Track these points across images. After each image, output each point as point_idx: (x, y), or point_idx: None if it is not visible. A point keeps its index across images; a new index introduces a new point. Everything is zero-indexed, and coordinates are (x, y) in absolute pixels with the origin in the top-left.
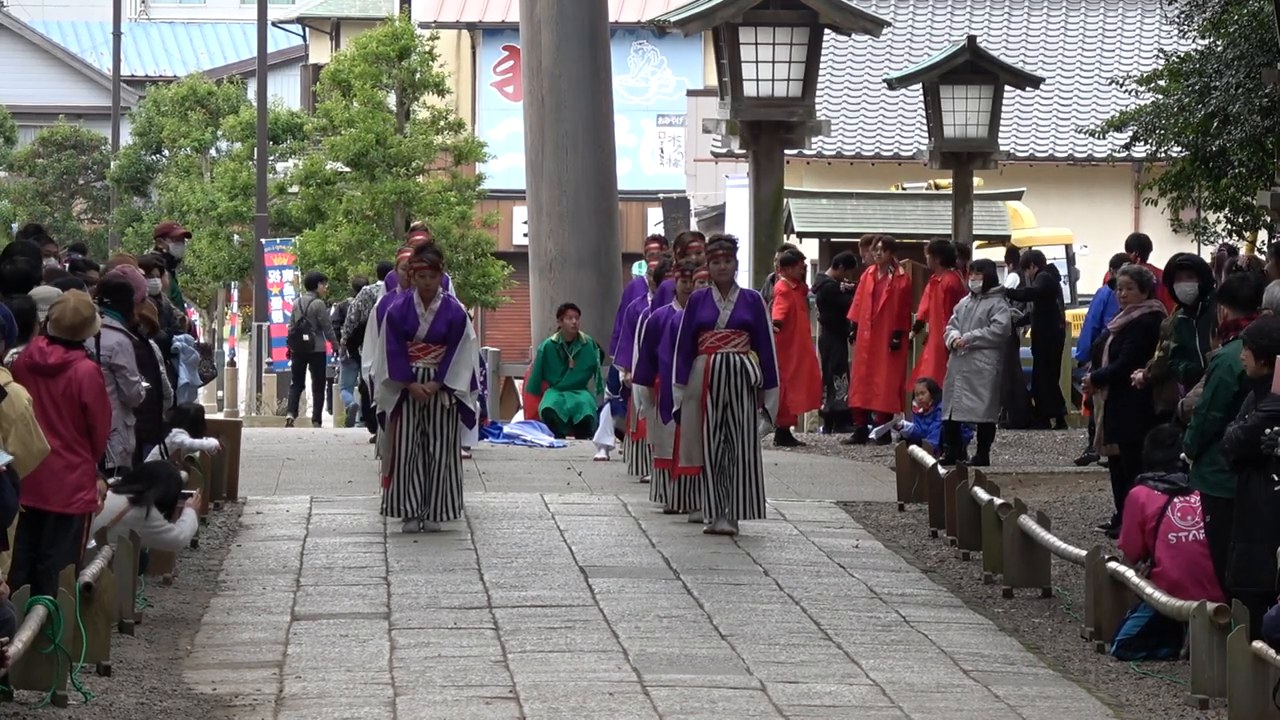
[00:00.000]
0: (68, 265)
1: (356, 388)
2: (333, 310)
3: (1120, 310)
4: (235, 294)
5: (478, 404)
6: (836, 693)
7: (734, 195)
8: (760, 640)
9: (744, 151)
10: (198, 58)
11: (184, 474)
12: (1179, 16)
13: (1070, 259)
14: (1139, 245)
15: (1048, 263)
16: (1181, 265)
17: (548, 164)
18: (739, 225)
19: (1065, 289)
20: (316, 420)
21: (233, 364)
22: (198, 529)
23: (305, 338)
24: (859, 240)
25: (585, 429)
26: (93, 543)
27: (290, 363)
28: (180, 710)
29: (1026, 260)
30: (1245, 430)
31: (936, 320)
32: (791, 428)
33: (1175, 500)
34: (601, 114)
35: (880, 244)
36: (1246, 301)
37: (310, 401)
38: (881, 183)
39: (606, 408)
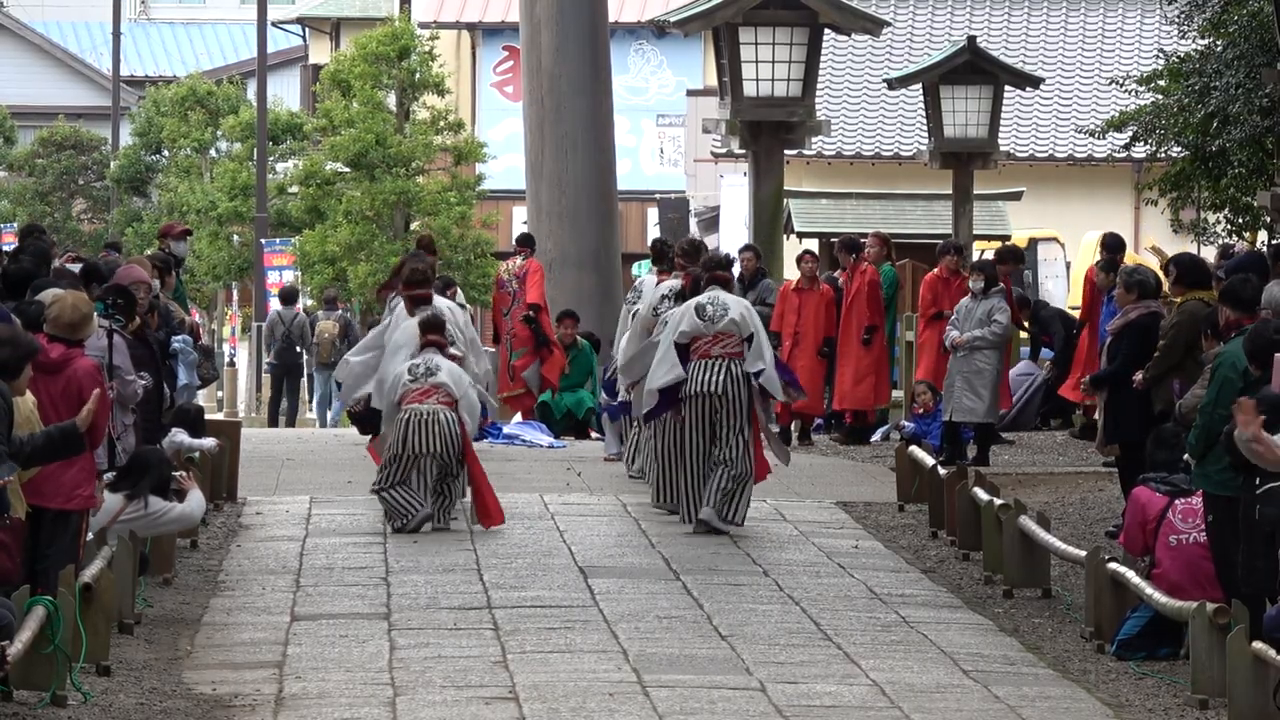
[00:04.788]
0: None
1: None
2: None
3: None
4: (235, 294)
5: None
6: (836, 693)
7: (729, 195)
8: (760, 640)
9: (744, 151)
10: (197, 58)
11: (187, 472)
12: (1179, 16)
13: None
14: (1111, 245)
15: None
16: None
17: (548, 164)
18: (735, 225)
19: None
20: (290, 424)
21: (232, 364)
22: (206, 507)
23: (297, 349)
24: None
25: (585, 425)
26: (90, 536)
27: (272, 374)
28: (180, 710)
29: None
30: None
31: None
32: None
33: (1176, 502)
34: (601, 114)
35: (838, 247)
36: (1249, 303)
37: (285, 409)
38: (881, 183)
39: (605, 416)
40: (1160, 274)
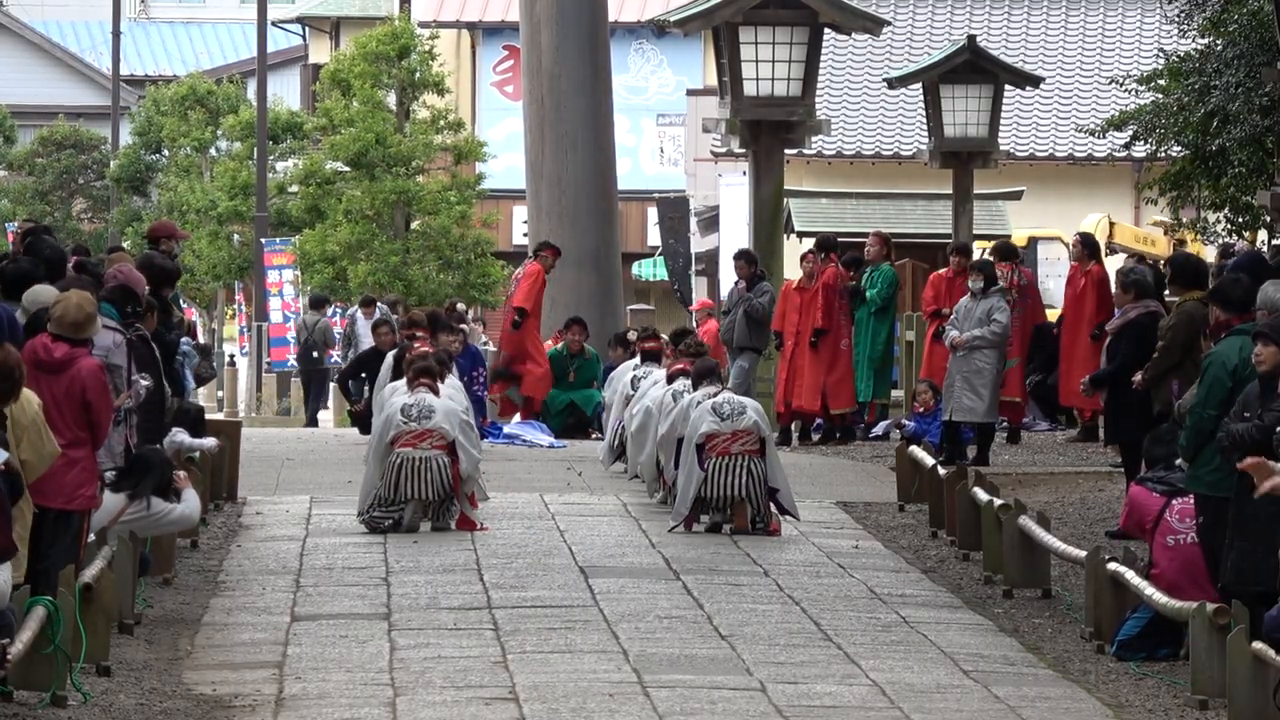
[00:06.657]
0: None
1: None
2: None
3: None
4: (240, 294)
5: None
6: (836, 693)
7: (728, 195)
8: (760, 640)
9: (744, 151)
10: (197, 57)
11: (183, 472)
12: (1179, 16)
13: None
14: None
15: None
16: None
17: (548, 164)
18: (735, 225)
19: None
20: (312, 424)
21: (233, 364)
22: (200, 508)
23: (314, 354)
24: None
25: (587, 424)
26: (92, 537)
27: (301, 377)
28: (180, 711)
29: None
30: (1261, 430)
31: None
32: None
33: (1173, 502)
34: (601, 114)
35: (806, 256)
36: (1238, 303)
37: (308, 410)
38: (881, 183)
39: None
40: (1165, 250)
